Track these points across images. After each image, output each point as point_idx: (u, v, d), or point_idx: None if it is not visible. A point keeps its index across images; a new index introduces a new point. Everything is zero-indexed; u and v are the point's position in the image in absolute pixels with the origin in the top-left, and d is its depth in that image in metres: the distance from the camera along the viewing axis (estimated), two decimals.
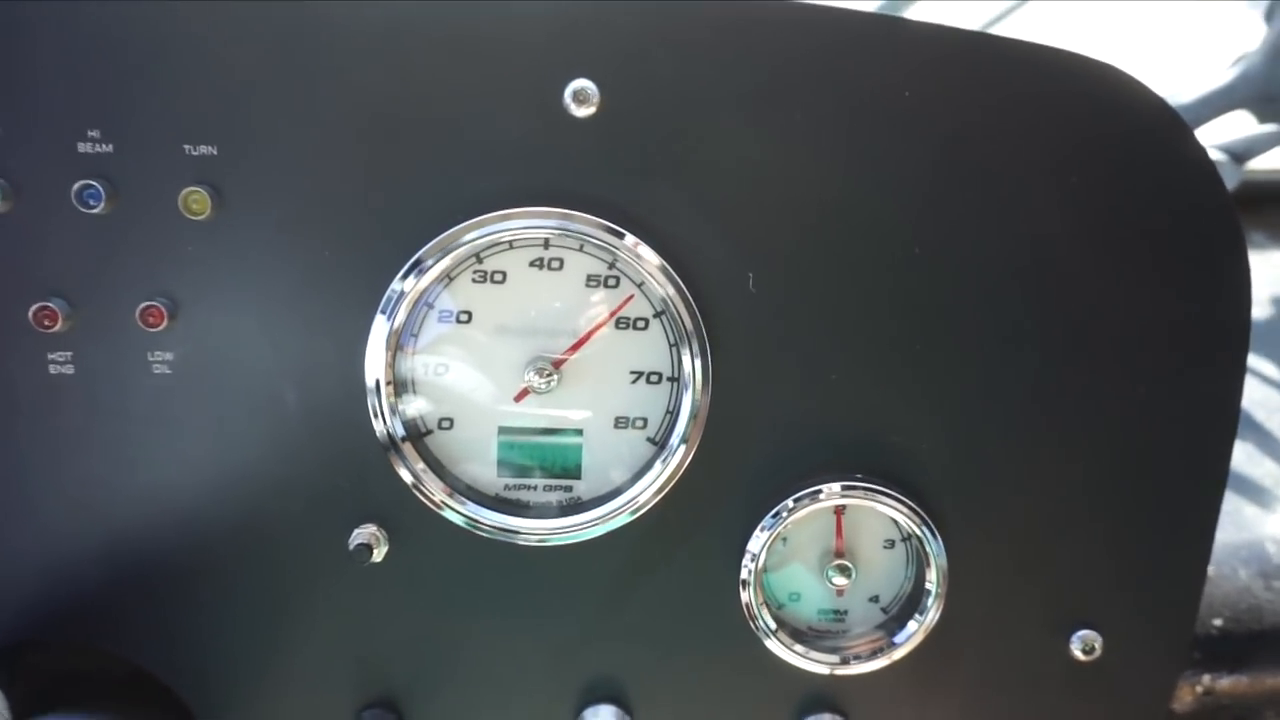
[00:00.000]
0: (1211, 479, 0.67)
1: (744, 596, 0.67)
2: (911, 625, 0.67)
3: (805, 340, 0.65)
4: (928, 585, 0.67)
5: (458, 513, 0.66)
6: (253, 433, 0.65)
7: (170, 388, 0.65)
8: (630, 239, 0.63)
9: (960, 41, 0.62)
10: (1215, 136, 1.06)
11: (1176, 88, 1.11)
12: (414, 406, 0.66)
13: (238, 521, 0.66)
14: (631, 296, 0.65)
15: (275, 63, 0.61)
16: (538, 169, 0.62)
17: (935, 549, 0.66)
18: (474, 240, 0.62)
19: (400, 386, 0.66)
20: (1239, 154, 1.01)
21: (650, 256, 0.63)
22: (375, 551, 0.66)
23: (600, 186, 0.62)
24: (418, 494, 0.66)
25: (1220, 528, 0.88)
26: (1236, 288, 0.64)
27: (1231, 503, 0.91)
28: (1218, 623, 0.83)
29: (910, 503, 0.65)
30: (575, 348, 0.65)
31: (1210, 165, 0.63)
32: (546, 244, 0.64)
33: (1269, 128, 1.03)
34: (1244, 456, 0.96)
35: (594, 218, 0.62)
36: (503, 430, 0.67)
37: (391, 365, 0.64)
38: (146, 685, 0.70)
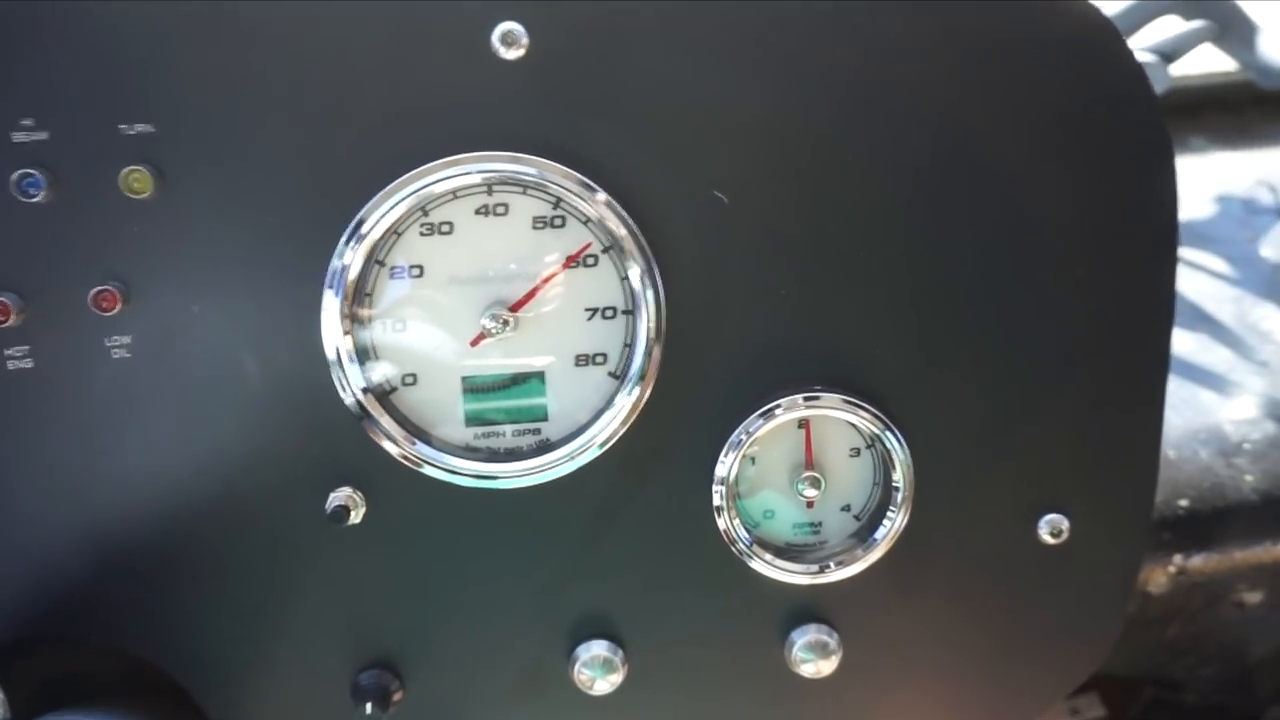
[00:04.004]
0: (1154, 360, 0.69)
1: (719, 522, 0.69)
2: (884, 526, 0.69)
3: (752, 259, 0.66)
4: (895, 485, 0.68)
5: (433, 465, 0.67)
6: (220, 408, 0.66)
7: (132, 371, 0.65)
8: (574, 176, 0.63)
9: None
10: (1145, 38, 1.07)
11: None
12: (378, 371, 0.67)
13: (215, 498, 0.67)
14: (589, 244, 0.66)
15: (200, 33, 0.61)
16: (473, 116, 0.63)
17: (898, 450, 0.68)
18: (415, 191, 0.63)
19: (362, 353, 0.66)
20: (1167, 54, 1.02)
21: (595, 193, 0.64)
22: (353, 513, 0.67)
23: (536, 127, 0.63)
24: (390, 453, 0.66)
25: (1179, 414, 0.92)
26: (1163, 183, 0.66)
27: (1188, 390, 0.93)
28: (1184, 503, 0.86)
29: (870, 407, 0.67)
30: (531, 294, 0.66)
31: (1137, 67, 0.65)
32: (490, 190, 0.65)
33: (1194, 24, 1.05)
34: (1198, 346, 0.99)
35: (536, 158, 0.63)
36: (466, 382, 0.68)
37: (350, 334, 0.65)
38: (145, 675, 0.71)
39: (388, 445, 0.66)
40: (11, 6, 0.60)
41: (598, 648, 0.71)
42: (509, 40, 0.62)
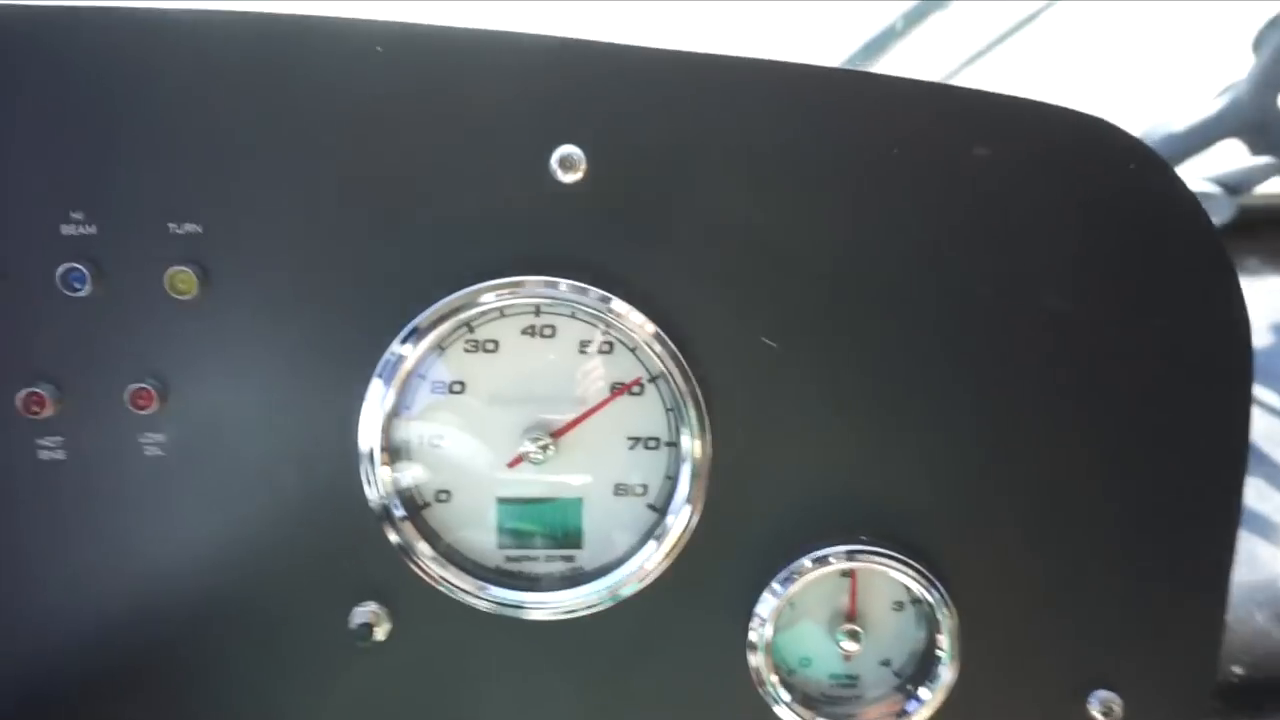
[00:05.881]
0: (1223, 523, 0.65)
1: (752, 661, 0.66)
2: (924, 693, 0.65)
3: (804, 401, 0.64)
4: (939, 651, 0.65)
5: (460, 589, 0.65)
6: (249, 512, 0.64)
7: (164, 470, 0.63)
8: (621, 305, 0.62)
9: (933, 95, 0.62)
10: (1210, 168, 1.05)
11: (1166, 118, 1.11)
12: (409, 474, 0.65)
13: (237, 603, 0.65)
14: (639, 377, 0.64)
15: (259, 138, 0.60)
16: (527, 237, 0.62)
17: (944, 612, 0.64)
18: (464, 310, 0.62)
19: (395, 454, 0.65)
20: (1234, 186, 1.00)
21: (643, 322, 0.62)
22: (377, 630, 0.65)
23: (590, 252, 0.62)
24: (418, 571, 0.64)
25: (1233, 568, 0.87)
26: (1232, 323, 0.63)
27: (1244, 542, 0.89)
28: (1238, 670, 0.81)
29: (919, 566, 0.64)
30: (575, 422, 0.64)
31: (1194, 202, 0.63)
32: (538, 311, 0.64)
33: (1263, 160, 1.03)
34: (1253, 493, 0.95)
35: (584, 285, 0.62)
36: (501, 501, 0.66)
37: (386, 431, 0.63)
38: None
39: (416, 565, 0.64)
40: (73, 100, 0.60)
41: None
42: (567, 164, 0.60)
